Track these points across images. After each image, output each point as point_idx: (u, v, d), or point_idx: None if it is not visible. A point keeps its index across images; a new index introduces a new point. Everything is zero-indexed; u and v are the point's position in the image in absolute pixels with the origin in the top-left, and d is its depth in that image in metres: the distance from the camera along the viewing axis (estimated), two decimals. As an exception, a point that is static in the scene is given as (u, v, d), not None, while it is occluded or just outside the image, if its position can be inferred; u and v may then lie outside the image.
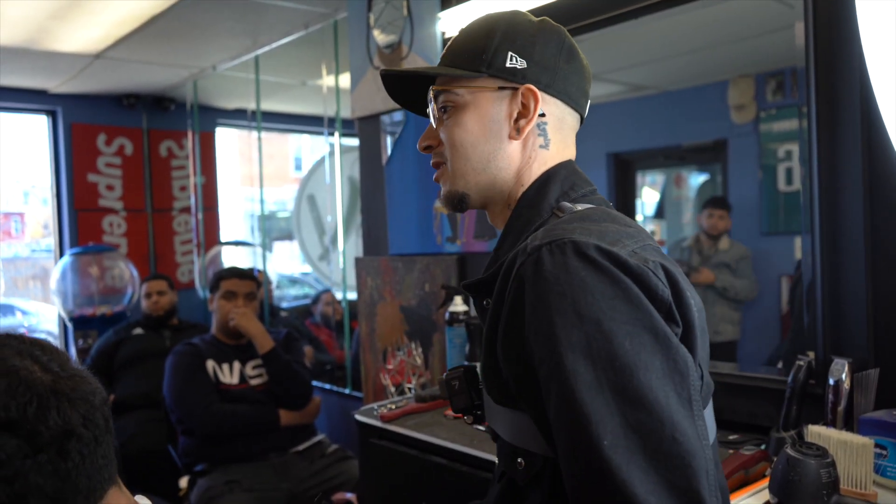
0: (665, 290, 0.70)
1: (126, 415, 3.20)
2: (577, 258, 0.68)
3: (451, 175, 0.89)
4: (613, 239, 0.72)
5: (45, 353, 0.71)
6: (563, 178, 0.87)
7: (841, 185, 1.39)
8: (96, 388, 0.73)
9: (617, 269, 0.68)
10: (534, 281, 0.70)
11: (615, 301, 0.67)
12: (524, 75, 0.85)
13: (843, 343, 1.40)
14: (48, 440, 0.65)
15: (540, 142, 0.88)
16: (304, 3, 2.88)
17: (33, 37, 3.20)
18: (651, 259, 0.71)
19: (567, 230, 0.72)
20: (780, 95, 1.66)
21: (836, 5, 1.38)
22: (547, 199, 0.85)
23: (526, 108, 0.86)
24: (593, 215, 0.79)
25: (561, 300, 0.67)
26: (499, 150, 0.87)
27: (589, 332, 0.66)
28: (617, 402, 0.64)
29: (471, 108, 0.86)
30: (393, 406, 1.83)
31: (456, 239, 2.26)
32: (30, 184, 8.28)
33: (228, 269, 2.80)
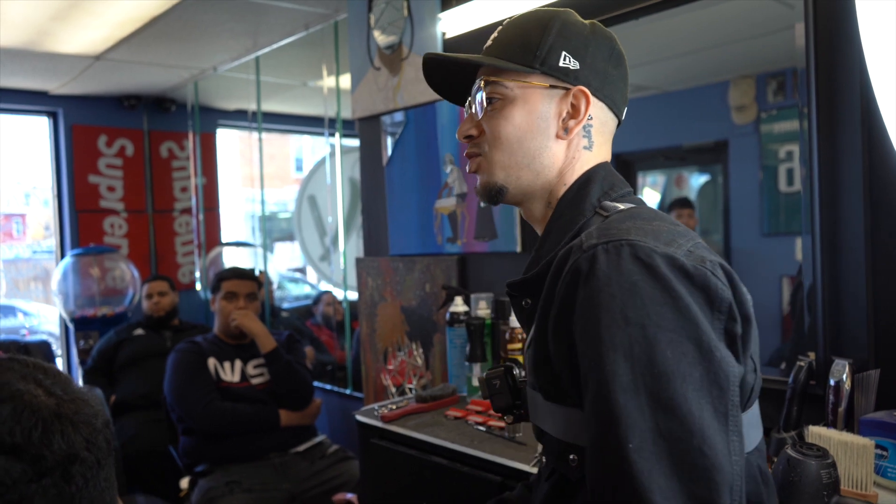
0: (725, 290, 0.70)
1: (127, 415, 3.21)
2: (631, 260, 0.69)
3: (490, 166, 0.89)
4: (668, 239, 0.72)
5: (49, 377, 0.72)
6: (602, 179, 0.88)
7: (841, 186, 1.39)
8: (98, 411, 0.73)
9: (670, 275, 0.69)
10: (587, 278, 0.71)
11: (663, 308, 0.67)
12: (576, 77, 0.86)
13: (843, 344, 1.40)
14: (52, 464, 0.66)
15: (584, 143, 0.89)
16: (305, 4, 2.88)
17: (34, 38, 3.21)
18: (708, 258, 0.72)
19: (622, 230, 0.73)
20: (781, 96, 1.65)
21: (836, 6, 1.38)
22: (588, 198, 0.86)
23: (576, 110, 0.87)
24: (642, 213, 0.80)
25: (610, 300, 0.68)
26: (545, 148, 0.87)
27: (633, 335, 0.66)
28: (650, 407, 0.65)
29: (519, 102, 0.87)
30: (394, 406, 1.83)
31: (456, 239, 2.26)
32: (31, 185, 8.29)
33: (229, 270, 2.80)
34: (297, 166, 9.48)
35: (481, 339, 1.90)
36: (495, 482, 1.44)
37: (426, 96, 2.28)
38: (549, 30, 0.86)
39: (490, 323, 1.94)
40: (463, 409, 1.79)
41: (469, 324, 1.91)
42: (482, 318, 1.92)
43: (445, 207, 2.28)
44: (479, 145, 0.90)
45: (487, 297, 2.04)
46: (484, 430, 1.63)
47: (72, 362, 4.34)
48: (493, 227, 2.14)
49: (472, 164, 0.92)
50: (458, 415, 1.76)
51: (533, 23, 0.88)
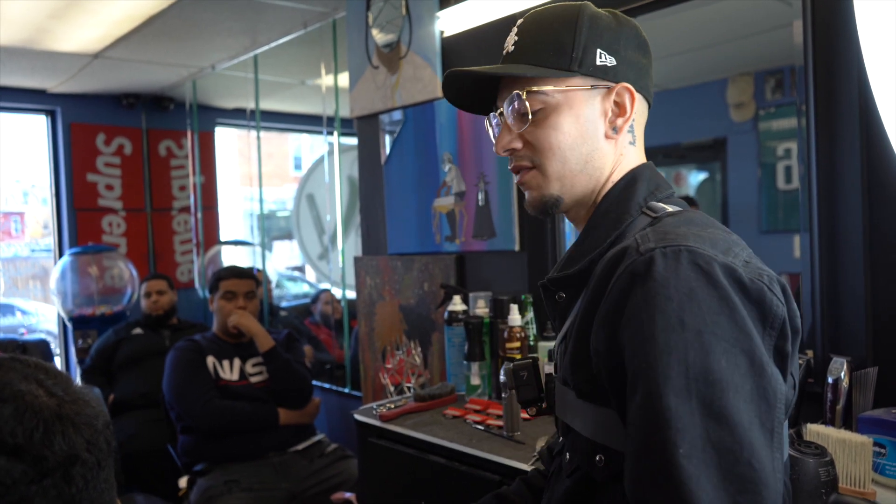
0: (780, 307, 0.69)
1: (125, 414, 3.21)
2: (690, 266, 0.68)
3: (546, 179, 0.86)
4: (725, 247, 0.71)
5: (50, 377, 0.72)
6: (648, 179, 0.86)
7: (839, 184, 1.39)
8: (99, 412, 0.73)
9: (728, 285, 0.68)
10: (644, 280, 0.69)
11: (719, 317, 0.66)
12: (615, 74, 0.85)
13: (841, 341, 1.40)
14: (53, 465, 0.66)
15: (629, 139, 0.88)
16: (303, 3, 2.88)
17: (32, 36, 3.20)
18: (765, 272, 0.71)
19: (680, 235, 0.72)
20: (779, 94, 1.65)
21: (835, 4, 1.38)
22: (635, 198, 0.84)
23: (621, 107, 0.85)
24: (696, 219, 0.78)
25: (667, 303, 0.67)
26: (595, 151, 0.86)
27: (689, 340, 0.65)
28: (702, 414, 0.64)
29: (564, 108, 0.84)
30: (392, 405, 1.83)
31: (455, 238, 2.26)
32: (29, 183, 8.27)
33: (227, 269, 2.79)
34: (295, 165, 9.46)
35: (480, 338, 1.90)
36: (493, 481, 1.44)
37: (424, 95, 2.28)
38: (579, 28, 0.83)
39: (488, 322, 1.94)
40: (461, 408, 1.79)
41: (467, 322, 1.91)
42: (481, 317, 1.92)
43: (444, 206, 2.28)
44: (527, 158, 0.87)
45: (486, 296, 2.04)
46: (482, 429, 1.63)
47: (70, 361, 4.33)
48: (492, 225, 2.14)
49: (523, 177, 0.88)
50: (456, 414, 1.75)
51: (560, 22, 0.85)
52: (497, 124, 0.90)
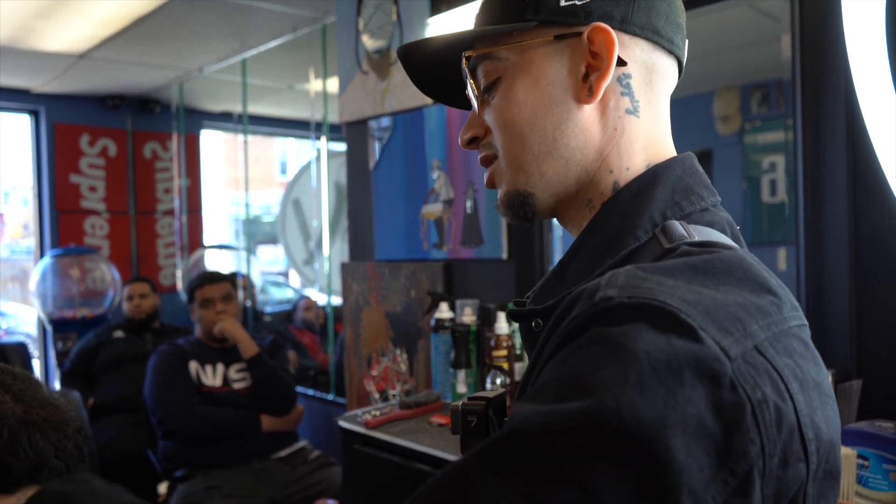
0: (754, 448, 0.43)
1: (105, 418, 3.17)
2: (646, 326, 0.44)
3: (507, 169, 0.64)
4: (734, 317, 0.46)
5: (18, 382, 0.70)
6: (675, 180, 0.61)
7: (825, 197, 1.41)
8: (70, 417, 0.72)
9: (696, 374, 0.42)
10: (576, 332, 0.47)
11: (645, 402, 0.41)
12: (588, 12, 0.60)
13: (826, 354, 1.41)
14: (20, 473, 0.64)
15: (625, 104, 0.62)
16: (293, 7, 2.87)
17: (17, 35, 3.17)
18: (769, 382, 0.44)
19: (662, 288, 0.46)
20: (765, 107, 1.67)
21: (823, 19, 1.40)
22: (650, 209, 0.59)
23: (597, 57, 0.60)
24: (717, 264, 0.50)
25: (585, 359, 0.44)
26: (566, 122, 0.61)
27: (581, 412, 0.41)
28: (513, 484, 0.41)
29: (520, 72, 0.62)
30: (377, 412, 1.82)
31: (443, 245, 2.26)
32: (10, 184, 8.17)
33: (199, 277, 2.77)
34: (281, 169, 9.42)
35: (466, 346, 1.90)
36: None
37: (414, 101, 2.28)
38: None
39: (475, 329, 1.93)
40: (447, 416, 1.78)
41: (454, 330, 1.90)
42: (467, 325, 1.91)
43: (432, 213, 2.28)
44: (491, 145, 0.66)
45: (473, 304, 2.04)
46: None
47: (49, 364, 4.27)
48: (480, 233, 2.14)
49: (487, 174, 0.68)
50: (441, 422, 1.75)
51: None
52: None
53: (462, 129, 0.68)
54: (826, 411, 0.49)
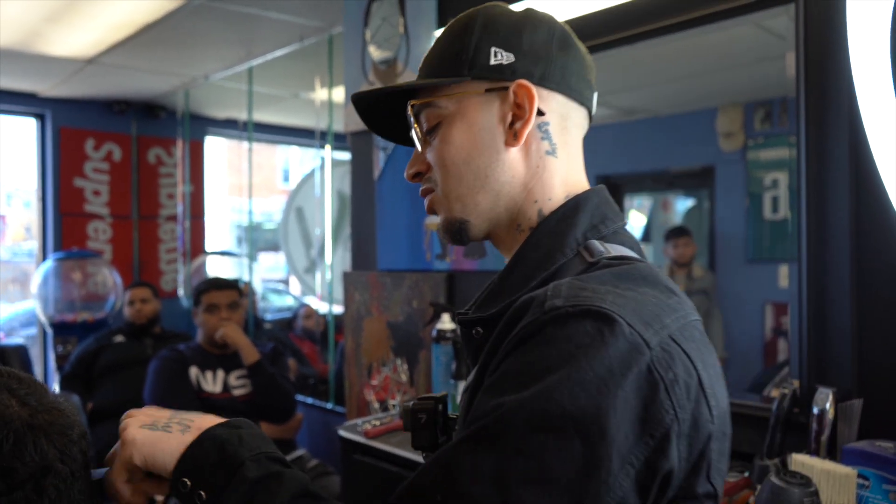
0: (668, 415, 0.57)
1: (104, 423, 3.16)
2: (591, 325, 0.57)
3: (445, 200, 0.77)
4: (652, 314, 0.60)
5: (23, 386, 0.70)
6: (593, 208, 0.74)
7: (828, 215, 1.41)
8: (74, 421, 0.72)
9: (624, 361, 0.56)
10: (530, 336, 0.60)
11: (582, 393, 0.55)
12: (513, 70, 0.73)
13: (827, 372, 1.41)
14: (24, 477, 0.64)
15: (545, 147, 0.75)
16: (300, 17, 2.89)
17: (26, 39, 3.19)
18: (680, 363, 0.59)
19: (597, 294, 0.60)
20: (768, 124, 1.68)
21: (828, 37, 1.41)
22: (573, 231, 0.72)
23: (521, 108, 0.73)
24: (632, 272, 0.66)
25: (541, 356, 0.58)
26: (496, 161, 0.74)
27: (533, 399, 0.55)
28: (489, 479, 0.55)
29: (457, 119, 0.75)
30: (377, 422, 1.82)
31: (445, 256, 2.26)
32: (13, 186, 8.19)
33: (207, 282, 2.77)
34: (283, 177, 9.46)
35: (467, 359, 1.90)
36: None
37: (419, 113, 2.29)
38: (471, 28, 0.74)
39: (476, 341, 1.93)
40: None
41: (456, 341, 1.91)
42: (469, 336, 1.92)
43: (436, 224, 2.28)
44: (432, 179, 0.78)
45: (474, 315, 2.04)
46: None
47: (48, 367, 4.27)
48: (483, 245, 2.14)
49: (428, 202, 0.79)
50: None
51: (455, 28, 0.76)
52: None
53: (407, 165, 0.80)
54: (720, 386, 0.64)
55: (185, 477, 0.66)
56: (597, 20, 1.75)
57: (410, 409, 0.83)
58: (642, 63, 1.90)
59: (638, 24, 1.71)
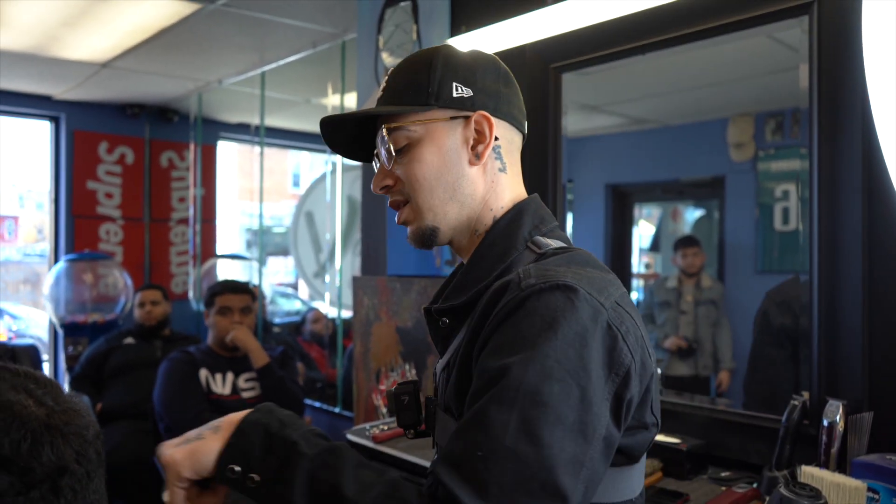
0: (627, 358, 0.74)
1: (113, 424, 3.17)
2: (561, 299, 0.72)
3: (418, 211, 0.89)
4: (601, 286, 0.76)
5: (40, 387, 0.70)
6: (533, 212, 0.89)
7: (841, 228, 1.41)
8: (90, 422, 0.72)
9: (588, 324, 0.72)
10: (515, 309, 0.74)
11: (569, 349, 0.70)
12: (472, 103, 0.88)
13: (838, 385, 1.41)
14: (41, 477, 0.65)
15: (498, 165, 0.90)
16: (314, 23, 2.91)
17: (42, 43, 3.22)
18: (627, 319, 0.75)
19: (559, 273, 0.76)
20: (779, 136, 1.68)
21: (842, 49, 1.41)
22: (520, 231, 0.87)
23: (481, 134, 0.88)
24: (577, 258, 0.83)
25: (528, 327, 0.72)
26: (462, 178, 0.88)
27: (534, 359, 0.69)
28: (517, 427, 0.67)
29: (426, 141, 0.87)
30: (385, 427, 1.83)
31: (455, 262, 2.27)
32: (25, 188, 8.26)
33: (221, 284, 2.78)
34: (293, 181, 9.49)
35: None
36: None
37: (431, 119, 2.30)
38: (433, 67, 0.88)
39: (485, 348, 1.94)
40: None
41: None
42: (478, 343, 1.92)
43: (445, 230, 2.29)
44: (401, 192, 0.90)
45: (483, 322, 2.04)
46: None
47: (59, 368, 4.30)
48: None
49: (400, 214, 0.91)
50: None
51: (418, 64, 0.90)
52: (376, 165, 0.93)
53: (375, 179, 0.92)
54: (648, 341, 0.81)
55: (233, 464, 0.74)
56: (610, 30, 1.75)
57: (394, 392, 0.97)
58: (654, 73, 1.91)
59: (651, 34, 1.72)
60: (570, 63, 1.92)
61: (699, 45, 1.67)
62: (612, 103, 2.14)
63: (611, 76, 1.93)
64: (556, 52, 1.94)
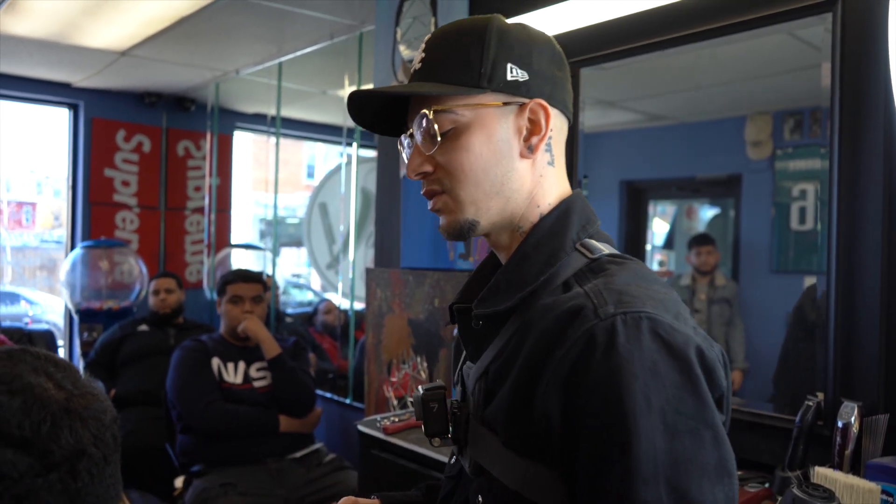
0: (724, 380, 0.71)
1: (126, 410, 3.20)
2: (652, 338, 0.67)
3: (459, 203, 0.81)
4: (676, 311, 0.71)
5: (59, 370, 0.71)
6: (580, 211, 0.83)
7: (860, 227, 1.40)
8: (107, 406, 0.73)
9: (689, 356, 0.67)
10: (606, 352, 0.67)
11: (683, 393, 0.66)
12: (528, 88, 0.80)
13: (853, 386, 1.39)
14: (60, 459, 0.65)
15: (547, 158, 0.83)
16: (332, 14, 2.91)
17: (62, 30, 3.25)
18: (713, 341, 0.71)
19: (636, 298, 0.70)
20: (797, 135, 1.66)
21: (865, 47, 1.39)
22: (569, 232, 0.80)
23: (535, 124, 0.80)
24: (641, 272, 0.77)
25: (633, 382, 0.65)
26: (511, 172, 0.80)
27: (655, 422, 0.65)
28: (668, 497, 0.64)
29: (475, 128, 0.79)
30: (396, 419, 1.83)
31: (469, 256, 2.27)
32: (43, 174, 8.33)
33: (234, 273, 2.79)
34: (308, 173, 9.51)
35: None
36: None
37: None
38: (486, 43, 0.79)
39: (497, 342, 1.93)
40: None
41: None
42: (490, 337, 1.92)
43: (459, 224, 2.29)
44: (439, 181, 0.81)
45: (496, 316, 2.04)
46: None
47: (73, 353, 4.34)
48: (506, 246, 2.15)
49: (435, 202, 0.83)
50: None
51: (468, 37, 0.80)
52: (409, 146, 0.85)
53: (410, 163, 0.83)
54: None
55: None
56: (630, 25, 1.74)
57: (422, 398, 0.89)
58: (671, 69, 1.89)
59: (673, 30, 1.70)
60: (589, 58, 1.91)
61: (719, 41, 1.65)
62: (628, 99, 2.13)
63: (628, 72, 1.92)
64: (575, 47, 1.93)
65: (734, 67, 1.80)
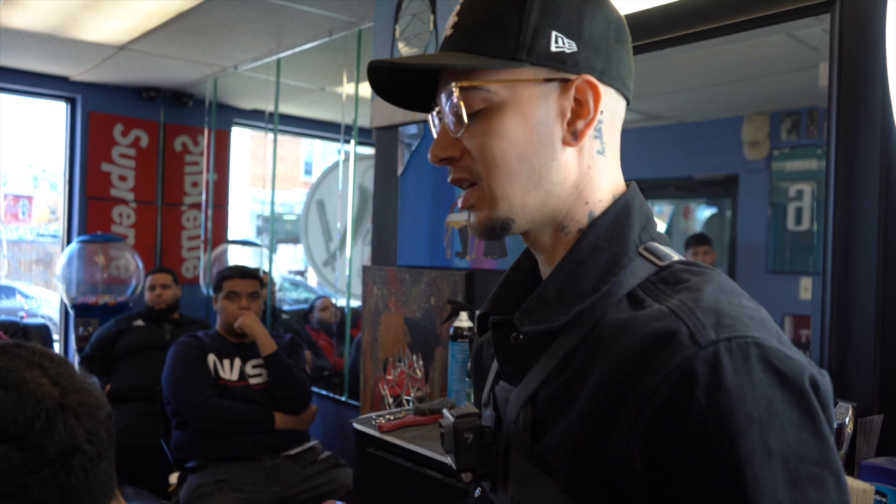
0: (834, 413, 0.64)
1: (121, 406, 3.20)
2: (762, 368, 0.56)
3: (491, 198, 0.68)
4: (777, 333, 0.59)
5: (54, 365, 0.71)
6: (639, 208, 0.70)
7: (856, 228, 1.40)
8: (101, 402, 0.73)
9: (804, 389, 0.56)
10: (710, 386, 0.55)
11: (802, 433, 0.56)
12: (576, 62, 0.66)
13: (848, 387, 1.40)
14: (54, 455, 0.65)
15: (597, 146, 0.69)
16: (331, 10, 2.91)
17: (61, 24, 3.24)
18: (824, 371, 0.60)
19: (737, 319, 0.58)
20: (794, 135, 1.66)
21: (863, 48, 1.40)
22: (630, 233, 0.68)
23: (582, 106, 0.67)
24: (727, 285, 0.64)
25: (747, 423, 0.54)
26: (552, 162, 0.67)
27: (777, 472, 0.54)
28: None
29: (510, 108, 0.66)
30: (391, 417, 1.83)
31: (465, 254, 2.27)
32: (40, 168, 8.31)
33: (230, 269, 2.80)
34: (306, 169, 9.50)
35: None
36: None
37: (445, 110, 2.30)
38: (529, 5, 0.65)
39: (493, 340, 1.93)
40: (461, 424, 1.79)
41: (473, 340, 1.91)
42: (486, 335, 1.92)
43: (457, 222, 2.29)
44: (468, 169, 0.69)
45: (492, 314, 2.04)
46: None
47: (69, 348, 4.34)
48: (504, 245, 2.15)
49: (466, 198, 0.71)
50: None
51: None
52: (438, 125, 0.72)
53: (434, 146, 0.70)
54: None
55: None
56: (629, 25, 1.74)
57: (456, 428, 0.75)
58: (669, 69, 1.89)
59: (671, 30, 1.70)
60: (588, 57, 1.91)
61: (716, 41, 1.65)
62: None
63: (628, 71, 1.92)
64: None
65: (731, 68, 1.80)
